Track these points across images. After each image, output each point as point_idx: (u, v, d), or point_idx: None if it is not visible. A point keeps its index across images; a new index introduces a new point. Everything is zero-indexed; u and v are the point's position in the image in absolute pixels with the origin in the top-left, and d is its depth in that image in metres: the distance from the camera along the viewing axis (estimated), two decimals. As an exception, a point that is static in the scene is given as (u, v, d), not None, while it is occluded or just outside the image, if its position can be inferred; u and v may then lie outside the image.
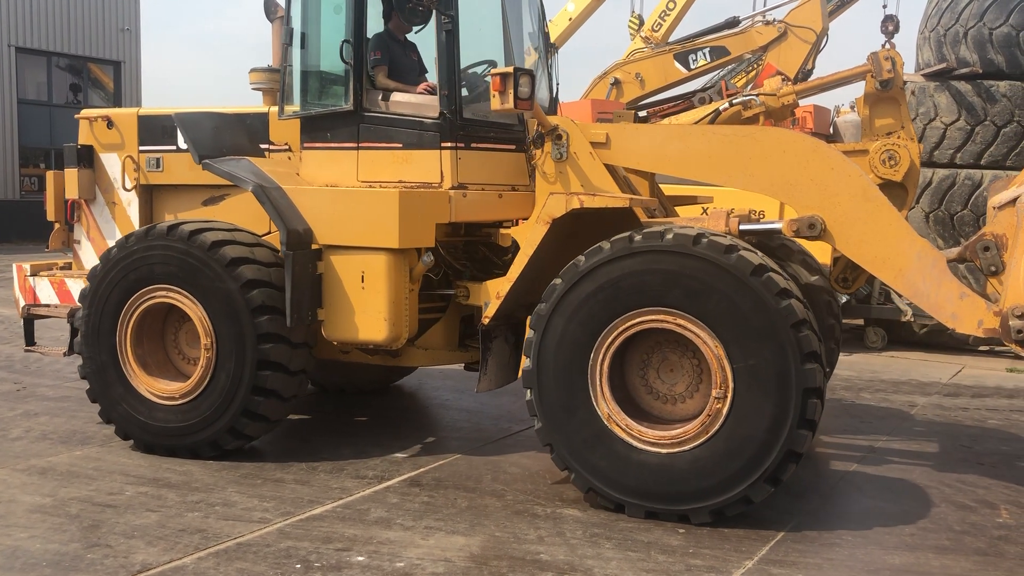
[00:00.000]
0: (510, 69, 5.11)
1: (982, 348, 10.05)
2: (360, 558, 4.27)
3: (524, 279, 5.29)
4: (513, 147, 6.12)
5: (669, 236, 4.69)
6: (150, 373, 5.96)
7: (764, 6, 13.28)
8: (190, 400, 5.73)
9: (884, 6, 17.17)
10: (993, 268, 4.69)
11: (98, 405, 6.05)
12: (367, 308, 5.57)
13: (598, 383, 4.84)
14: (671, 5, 17.77)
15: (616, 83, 14.09)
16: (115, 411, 5.95)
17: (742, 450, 4.60)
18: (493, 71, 5.24)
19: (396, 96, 6.00)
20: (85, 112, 7.07)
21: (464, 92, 5.94)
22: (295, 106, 6.19)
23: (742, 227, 5.19)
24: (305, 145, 6.15)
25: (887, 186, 6.16)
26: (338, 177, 5.95)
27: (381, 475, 5.54)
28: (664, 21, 17.76)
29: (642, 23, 18.62)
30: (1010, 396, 8.13)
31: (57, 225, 7.12)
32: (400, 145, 5.83)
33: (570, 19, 19.41)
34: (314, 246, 5.67)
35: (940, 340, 10.17)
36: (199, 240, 5.61)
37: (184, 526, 4.66)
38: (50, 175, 7.09)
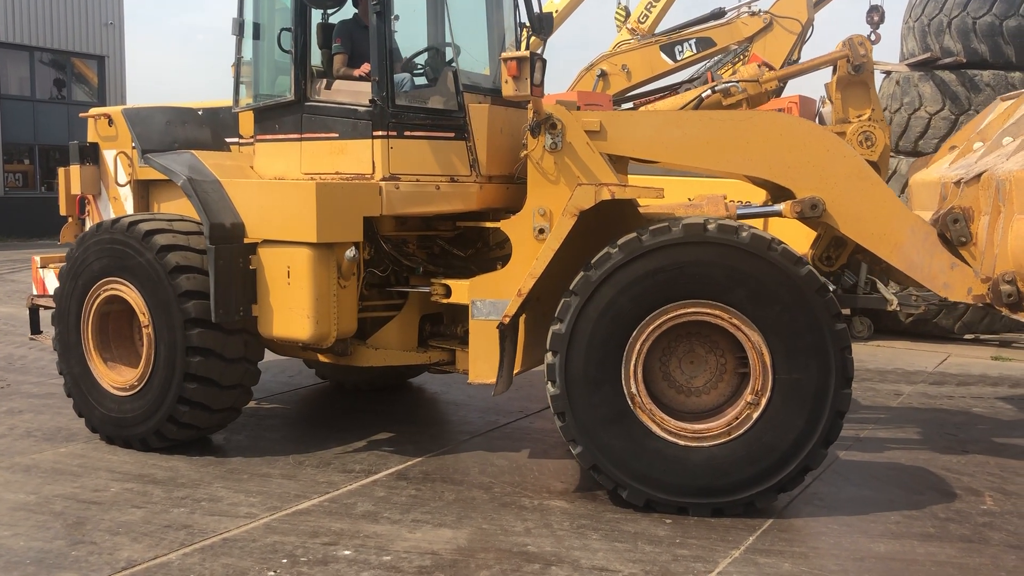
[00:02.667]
0: (527, 54, 4.94)
1: (967, 337, 10.11)
2: (347, 552, 4.26)
3: (547, 275, 5.03)
4: (452, 135, 5.79)
5: (677, 228, 4.65)
6: (114, 369, 6.00)
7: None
8: (138, 390, 5.76)
9: (871, -2, 17.19)
10: (963, 239, 4.93)
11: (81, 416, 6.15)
12: (293, 305, 5.45)
13: (632, 363, 4.74)
14: (656, -2, 17.80)
15: (603, 75, 14.07)
16: (93, 415, 6.04)
17: (761, 458, 4.65)
18: (506, 55, 5.00)
19: (337, 84, 5.84)
20: (92, 111, 7.15)
21: (408, 80, 5.79)
22: (250, 98, 6.14)
23: (740, 211, 5.25)
24: (257, 138, 6.08)
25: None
26: (284, 170, 5.87)
27: (368, 469, 5.52)
28: (650, 13, 17.77)
29: (628, 15, 18.63)
30: (995, 384, 8.17)
31: (70, 219, 7.22)
32: (337, 135, 5.68)
33: (556, 11, 19.38)
34: (247, 240, 5.58)
35: (926, 329, 10.22)
36: (135, 230, 5.63)
37: (170, 522, 4.64)
38: (62, 172, 7.19)
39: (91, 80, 28.82)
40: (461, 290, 5.58)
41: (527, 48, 6.41)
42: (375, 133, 5.55)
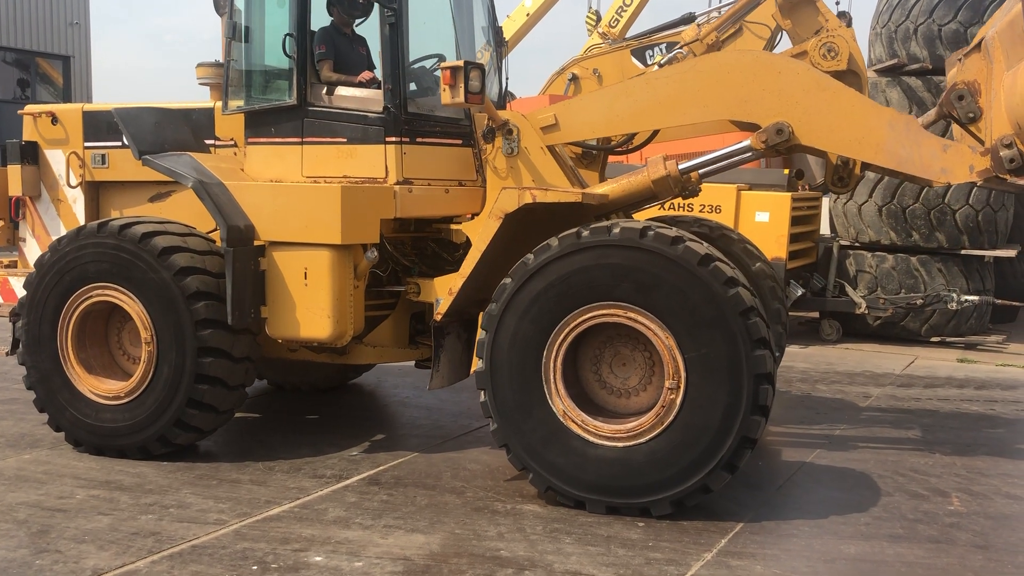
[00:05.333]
0: (461, 63, 5.09)
1: (934, 339, 10.24)
2: (318, 558, 4.22)
3: (476, 275, 5.27)
4: (460, 142, 6.08)
5: (616, 230, 4.71)
6: (95, 375, 5.87)
7: (720, 2, 13.38)
8: (136, 397, 5.64)
9: (837, 2, 17.41)
10: (971, 115, 4.73)
11: (46, 414, 5.95)
12: (311, 305, 5.51)
13: (552, 380, 4.84)
14: (628, 1, 17.90)
15: (574, 79, 14.07)
16: (63, 417, 5.85)
17: (698, 439, 4.62)
18: (443, 64, 5.21)
19: (340, 90, 5.93)
20: (29, 108, 6.93)
21: (412, 87, 5.91)
22: (240, 101, 6.11)
23: (682, 165, 5.33)
24: (249, 140, 6.08)
25: (838, 77, 6.14)
26: (282, 172, 5.90)
27: (339, 474, 5.48)
28: (621, 17, 17.88)
29: (599, 19, 18.73)
30: (960, 386, 8.28)
31: (1, 223, 6.97)
32: (344, 140, 5.78)
33: (528, 14, 19.46)
34: (256, 242, 5.60)
35: (893, 332, 10.34)
36: (129, 234, 5.55)
37: (137, 529, 4.56)
38: None
39: (56, 80, 28.40)
40: (428, 288, 5.80)
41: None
42: (388, 139, 5.69)
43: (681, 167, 5.40)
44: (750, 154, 5.36)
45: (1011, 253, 10.64)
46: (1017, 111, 4.38)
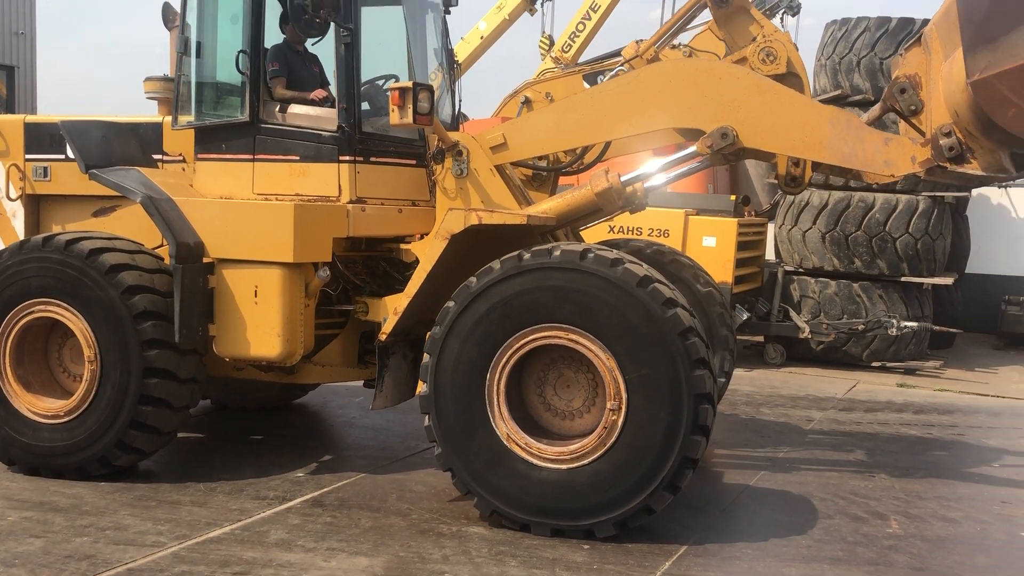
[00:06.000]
0: (410, 84, 5.12)
1: (875, 364, 10.45)
2: (258, 582, 4.14)
3: (423, 295, 5.27)
4: (414, 162, 6.10)
5: (557, 253, 4.75)
6: (33, 393, 5.71)
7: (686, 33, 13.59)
8: (76, 416, 5.51)
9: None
10: (913, 107, 4.82)
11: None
12: (260, 323, 5.47)
13: (496, 403, 4.85)
14: (580, 27, 18.08)
15: (527, 102, 14.13)
16: None
17: (640, 460, 4.64)
18: (392, 85, 5.25)
19: (293, 108, 5.92)
20: None
21: (365, 106, 5.91)
22: (190, 116, 6.05)
23: (625, 176, 5.43)
24: (199, 156, 6.01)
25: (779, 80, 6.25)
26: (233, 189, 5.84)
27: (282, 496, 5.39)
28: (574, 42, 18.04)
29: (552, 44, 18.91)
30: (900, 411, 8.46)
31: None
32: (297, 158, 5.77)
33: (482, 37, 19.52)
34: (206, 259, 5.53)
35: (836, 356, 10.53)
36: (76, 249, 5.44)
37: (71, 552, 4.44)
38: None
39: (-1, 91, 27.77)
40: (377, 308, 5.77)
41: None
42: (342, 158, 5.68)
43: (624, 178, 5.47)
44: (697, 163, 5.45)
45: (948, 281, 10.94)
46: (954, 98, 4.48)
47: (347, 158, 5.69)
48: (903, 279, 10.47)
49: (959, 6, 4.29)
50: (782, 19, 18.25)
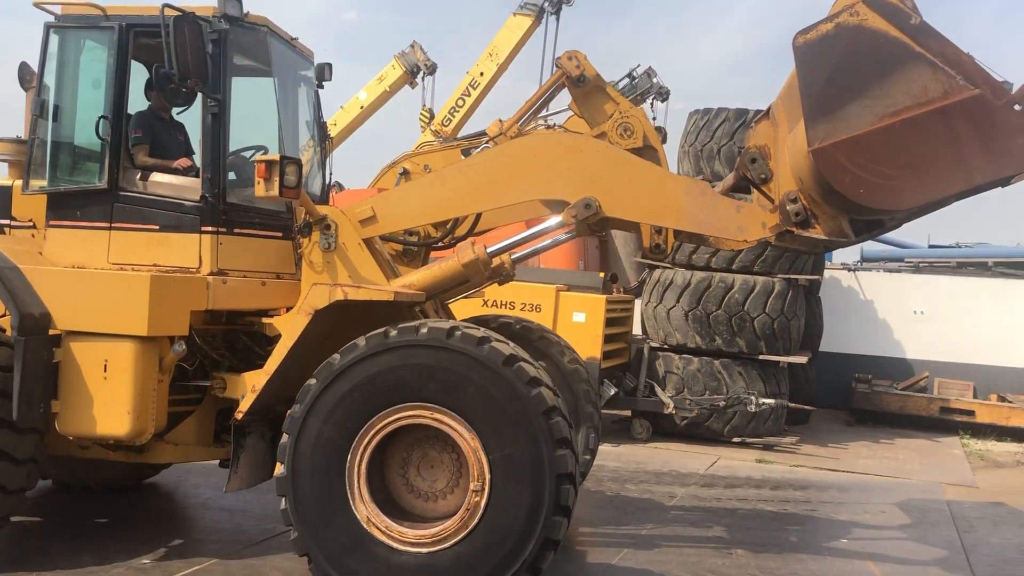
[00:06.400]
0: (277, 156, 5.08)
1: (735, 440, 10.78)
2: None
3: (283, 372, 5.14)
4: (280, 234, 6.03)
5: (424, 330, 4.73)
6: None
7: (548, 110, 14.03)
8: None
9: (653, 118, 18.64)
10: (763, 176, 5.04)
11: None
12: (109, 400, 5.22)
13: (356, 485, 4.74)
14: (461, 102, 18.45)
15: (405, 173, 14.22)
16: None
17: (502, 542, 4.61)
18: (259, 158, 5.20)
19: (155, 176, 5.77)
20: None
21: (232, 176, 5.82)
22: (43, 181, 5.80)
23: (491, 248, 5.49)
24: (51, 223, 5.76)
25: (637, 153, 6.39)
26: (87, 258, 5.61)
27: (124, 584, 5.07)
28: (454, 116, 18.38)
29: (432, 117, 19.18)
30: (758, 486, 8.73)
31: None
32: (157, 227, 5.61)
33: (362, 107, 19.65)
34: (52, 331, 5.26)
35: (699, 432, 10.82)
36: None
37: None
38: None
39: None
40: (236, 384, 5.60)
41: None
42: (204, 228, 5.54)
43: (490, 250, 5.54)
44: (564, 234, 5.56)
45: (802, 359, 11.47)
46: (798, 166, 4.74)
47: (209, 229, 5.56)
48: (761, 357, 10.91)
49: (800, 81, 4.57)
50: (652, 104, 19.18)
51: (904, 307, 14.24)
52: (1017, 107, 4.20)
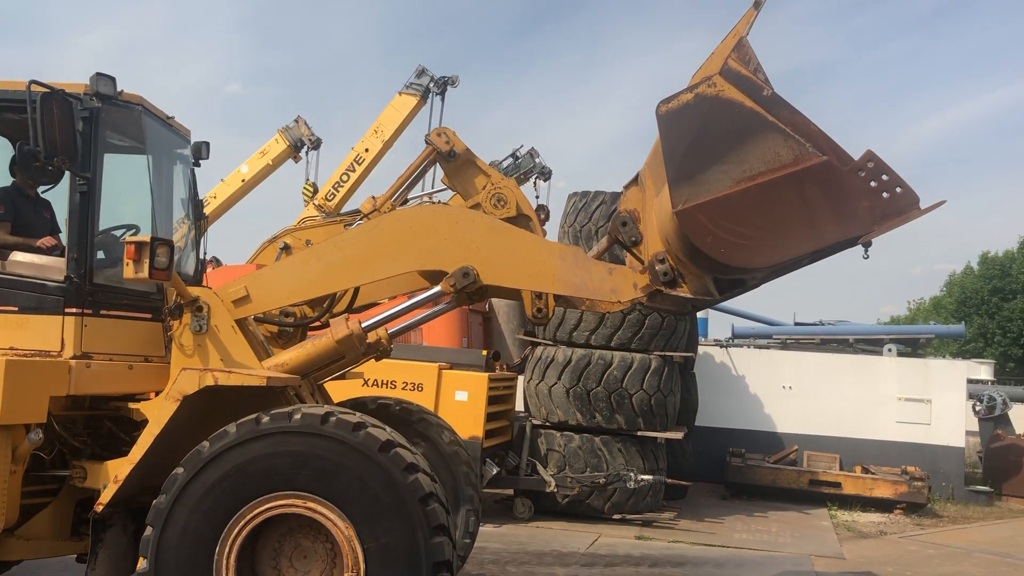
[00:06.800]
0: (147, 238, 4.97)
1: (615, 517, 10.87)
2: None
3: (149, 460, 4.94)
4: (150, 316, 5.85)
5: (297, 416, 4.65)
6: None
7: (433, 187, 14.19)
8: None
9: (536, 196, 19.09)
10: (633, 239, 5.20)
11: None
12: None
13: None
14: (345, 177, 18.46)
15: (286, 248, 14.05)
16: None
17: None
18: (129, 239, 5.06)
19: (16, 255, 5.55)
20: None
21: (100, 254, 5.63)
22: None
23: (366, 322, 5.45)
24: None
25: (510, 222, 6.53)
26: None
27: None
28: (338, 192, 18.35)
29: (316, 191, 19.09)
30: (636, 564, 8.80)
31: None
32: (15, 308, 5.37)
33: (243, 180, 19.41)
34: None
35: (580, 509, 10.87)
36: None
37: None
38: None
39: None
40: (97, 473, 5.35)
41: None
42: (68, 310, 5.33)
43: (365, 324, 5.50)
44: (443, 304, 5.57)
45: (679, 435, 11.74)
46: (665, 228, 4.92)
47: (74, 310, 5.35)
48: (640, 433, 11.12)
49: (663, 147, 4.78)
50: (535, 183, 19.67)
51: (774, 382, 14.86)
52: (861, 173, 4.52)
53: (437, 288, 5.49)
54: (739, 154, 4.55)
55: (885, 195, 4.51)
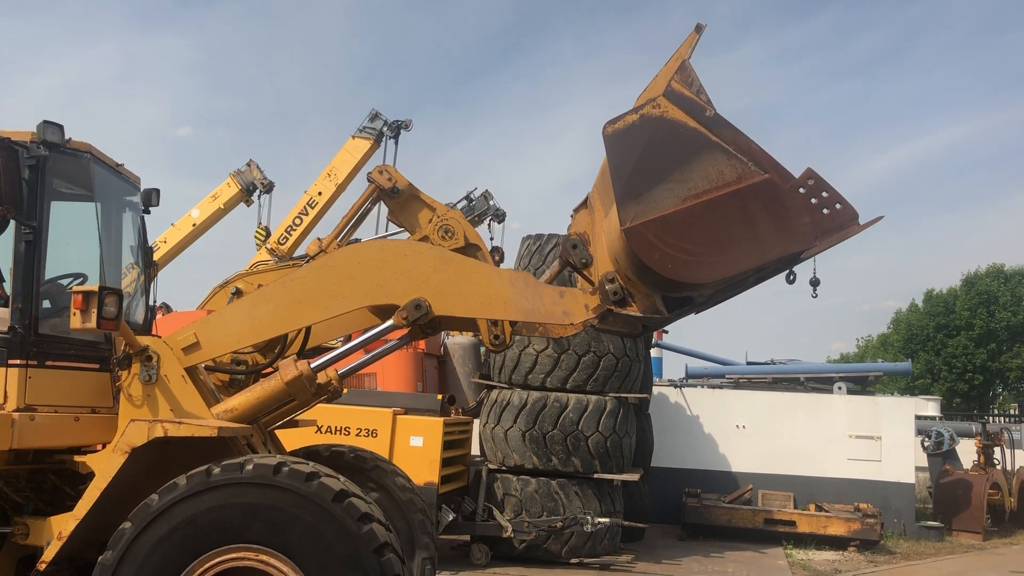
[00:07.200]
0: (95, 288, 4.89)
1: (573, 561, 10.80)
2: None
3: (96, 515, 4.82)
4: (97, 366, 5.75)
5: (249, 467, 4.58)
6: None
7: (387, 230, 14.19)
8: None
9: (491, 238, 19.17)
10: (584, 261, 5.19)
11: None
12: None
13: None
14: (298, 220, 18.36)
15: (237, 293, 13.90)
16: None
17: None
18: (75, 288, 4.98)
19: None
20: None
21: (46, 304, 5.53)
22: None
23: (315, 363, 5.38)
24: None
25: (460, 252, 6.49)
26: None
27: None
28: (290, 235, 18.23)
29: (268, 235, 18.96)
30: (595, 608, 8.75)
31: None
32: None
33: (194, 224, 19.21)
34: None
35: (538, 554, 10.78)
36: None
37: None
38: None
39: None
40: (40, 529, 5.22)
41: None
42: (11, 361, 5.22)
43: (314, 364, 5.43)
44: (395, 341, 5.52)
45: (635, 477, 11.74)
46: (614, 247, 4.96)
47: (18, 362, 5.24)
48: (596, 476, 11.11)
49: (610, 167, 4.85)
50: (489, 224, 19.77)
51: (728, 422, 14.99)
52: (801, 190, 4.65)
53: (389, 322, 5.43)
54: (684, 173, 4.66)
55: (825, 211, 4.65)
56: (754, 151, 4.68)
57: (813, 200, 4.63)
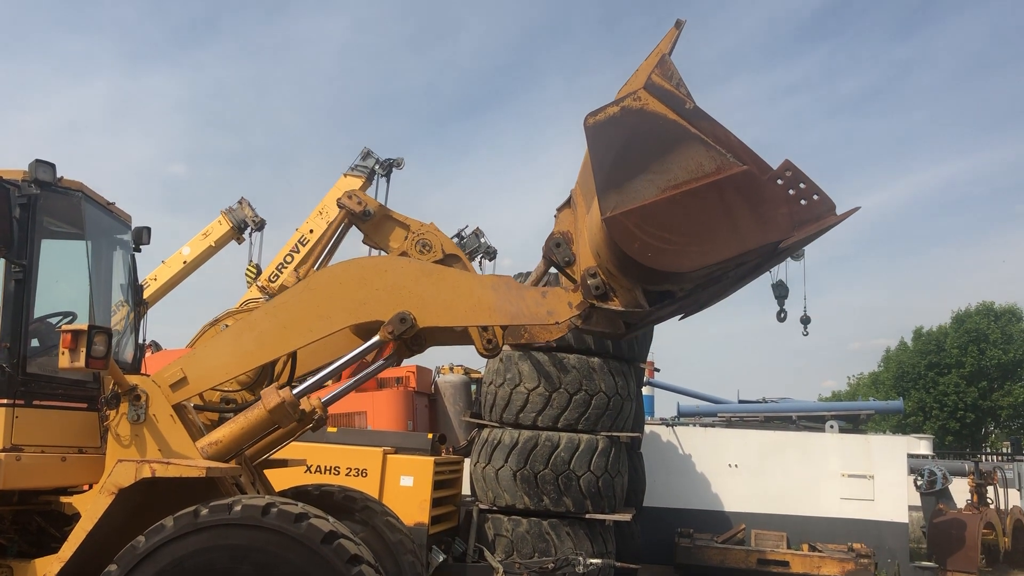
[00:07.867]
0: (84, 326, 4.89)
1: (565, 601, 10.67)
2: None
3: (81, 558, 4.77)
4: (85, 405, 5.74)
5: (237, 508, 4.56)
6: None
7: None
8: None
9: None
10: (567, 260, 5.23)
11: None
12: None
13: None
14: (289, 258, 18.40)
15: (227, 330, 13.96)
16: None
17: None
18: (65, 327, 4.99)
19: None
20: None
21: (35, 342, 5.50)
22: None
23: (297, 389, 5.37)
24: None
25: (441, 263, 6.50)
26: None
27: None
28: (281, 273, 18.23)
29: (259, 272, 18.96)
30: (587, 651, 8.63)
31: None
32: None
33: (185, 262, 19.22)
34: None
35: (529, 595, 10.66)
36: None
37: None
38: None
39: None
40: (25, 572, 5.16)
41: None
42: None
43: (296, 390, 5.40)
44: (381, 362, 5.50)
45: (627, 517, 11.65)
46: (595, 240, 4.98)
47: (5, 402, 5.23)
48: (588, 516, 11.01)
49: (591, 159, 4.89)
50: (480, 262, 19.80)
51: (720, 460, 14.91)
52: (779, 181, 4.70)
53: (375, 339, 5.42)
54: (664, 164, 4.71)
55: (803, 202, 4.69)
56: (733, 143, 4.75)
57: (791, 191, 4.69)
